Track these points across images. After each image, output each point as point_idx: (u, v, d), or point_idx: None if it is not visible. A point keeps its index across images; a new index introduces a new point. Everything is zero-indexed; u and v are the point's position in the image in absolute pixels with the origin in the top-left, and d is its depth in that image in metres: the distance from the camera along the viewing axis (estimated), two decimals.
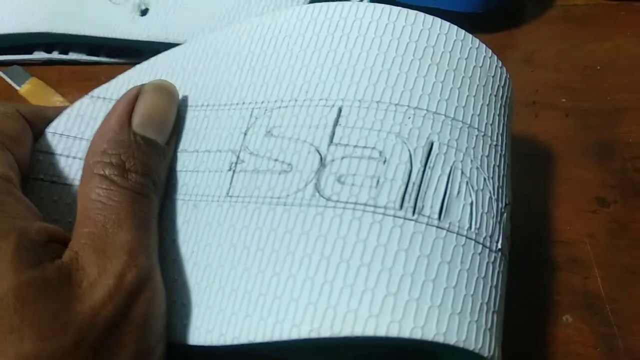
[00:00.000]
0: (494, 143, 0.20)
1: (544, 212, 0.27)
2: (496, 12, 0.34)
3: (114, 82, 0.23)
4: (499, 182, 0.20)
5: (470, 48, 0.21)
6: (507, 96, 0.22)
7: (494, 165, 0.20)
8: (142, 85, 0.21)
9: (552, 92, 0.31)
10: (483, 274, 0.18)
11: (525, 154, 0.29)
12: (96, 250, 0.17)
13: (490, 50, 0.22)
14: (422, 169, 0.18)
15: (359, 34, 0.20)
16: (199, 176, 0.21)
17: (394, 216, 0.17)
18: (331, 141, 0.19)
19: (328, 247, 0.17)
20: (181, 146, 0.22)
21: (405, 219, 0.17)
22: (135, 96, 0.21)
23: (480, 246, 0.18)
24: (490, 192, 0.19)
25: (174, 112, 0.22)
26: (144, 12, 0.32)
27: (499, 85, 0.22)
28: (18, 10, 0.32)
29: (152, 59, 0.24)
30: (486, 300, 0.18)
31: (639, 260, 0.25)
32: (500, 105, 0.22)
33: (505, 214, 0.20)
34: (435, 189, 0.18)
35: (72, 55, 0.34)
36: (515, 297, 0.20)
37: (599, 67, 0.32)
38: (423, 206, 0.18)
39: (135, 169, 0.19)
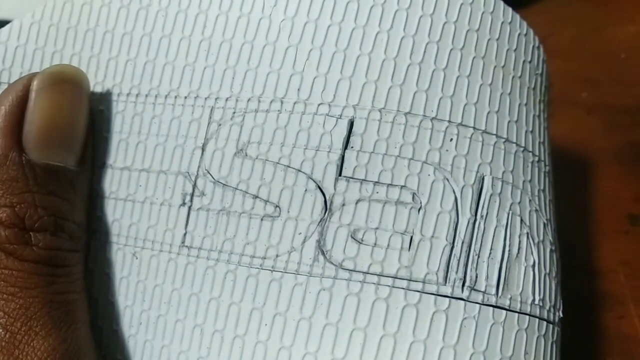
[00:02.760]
0: (547, 169, 0.16)
1: (566, 236, 0.23)
2: None
3: None
4: (553, 222, 0.16)
5: (519, 35, 0.16)
6: (549, 101, 0.18)
7: (549, 201, 0.15)
8: (28, 80, 0.14)
9: (570, 85, 0.28)
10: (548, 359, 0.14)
11: None
12: None
13: (538, 38, 0.16)
14: (472, 219, 0.13)
15: (375, 2, 0.14)
16: (137, 209, 0.15)
17: (437, 294, 0.13)
18: (340, 173, 0.14)
19: (341, 342, 0.13)
20: (101, 158, 0.15)
21: (452, 297, 0.13)
22: (20, 102, 0.14)
23: (545, 323, 0.14)
24: (550, 242, 0.15)
25: (84, 115, 0.15)
26: None
27: (545, 87, 0.17)
28: None
29: (36, 11, 0.16)
30: None
31: None
32: (547, 116, 0.17)
33: (560, 265, 0.15)
34: (491, 249, 0.13)
35: None
36: None
37: (623, 55, 0.29)
38: (477, 277, 0.13)
39: (42, 226, 0.13)
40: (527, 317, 0.13)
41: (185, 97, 0.15)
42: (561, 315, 0.15)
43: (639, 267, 0.22)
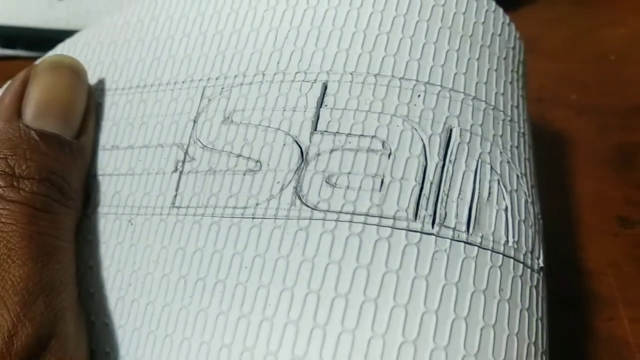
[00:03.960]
0: (522, 130, 0.17)
1: (556, 236, 0.23)
2: None
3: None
4: (531, 180, 0.16)
5: (487, 11, 0.17)
6: (524, 74, 0.19)
7: (525, 159, 0.16)
8: (34, 65, 0.17)
9: (560, 86, 0.28)
10: (527, 304, 0.14)
11: None
12: None
13: (508, 17, 0.18)
14: (440, 163, 0.14)
15: None
16: (135, 181, 0.16)
17: (407, 229, 0.14)
18: (315, 128, 0.15)
19: (317, 276, 0.13)
20: (110, 141, 0.17)
21: (422, 232, 0.14)
22: (24, 81, 0.17)
23: (522, 266, 0.14)
24: (525, 194, 0.15)
25: (81, 95, 0.17)
26: None
27: (519, 60, 0.18)
28: None
29: (71, 39, 0.20)
30: (533, 339, 0.14)
31: None
32: (522, 85, 0.18)
33: (541, 222, 0.16)
34: (460, 190, 0.14)
35: None
36: None
37: (613, 57, 0.29)
38: (446, 214, 0.14)
39: (30, 175, 0.15)
40: (501, 256, 0.14)
41: (183, 82, 0.17)
42: (541, 264, 0.15)
43: (628, 269, 0.22)
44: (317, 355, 0.13)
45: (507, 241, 0.14)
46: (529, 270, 0.15)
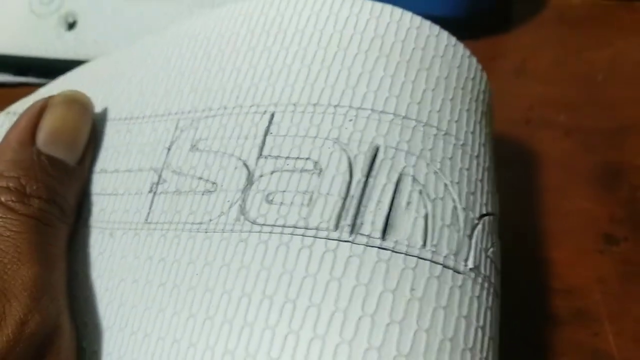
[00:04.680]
0: (461, 143, 0.18)
1: (543, 254, 0.24)
2: (481, 15, 0.31)
3: (32, 97, 0.22)
4: (468, 187, 0.17)
5: (429, 36, 0.19)
6: (487, 103, 0.20)
7: (460, 169, 0.17)
8: (50, 97, 0.20)
9: (548, 107, 0.28)
10: (444, 303, 0.15)
11: (517, 183, 0.26)
12: None
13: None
14: (363, 179, 0.16)
15: (297, 29, 0.18)
16: (117, 200, 0.19)
17: (327, 238, 0.15)
18: (261, 153, 0.17)
19: (250, 281, 0.15)
20: (100, 166, 0.20)
21: (340, 240, 0.15)
22: (40, 110, 0.19)
23: (440, 267, 0.15)
24: (454, 200, 0.16)
25: (87, 128, 0.20)
26: (71, 25, 0.28)
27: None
28: None
29: (75, 70, 0.22)
30: (450, 335, 0.15)
31: None
32: (470, 99, 0.19)
33: (480, 226, 0.17)
34: (379, 201, 0.16)
35: None
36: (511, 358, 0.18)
37: (600, 78, 0.29)
38: (363, 223, 0.15)
39: (39, 194, 0.18)
40: (415, 258, 0.15)
41: (162, 115, 0.19)
42: (471, 266, 0.16)
43: (613, 285, 0.23)
44: (244, 350, 0.14)
45: (423, 245, 0.15)
46: (450, 271, 0.15)
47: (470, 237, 0.16)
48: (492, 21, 0.32)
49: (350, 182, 0.16)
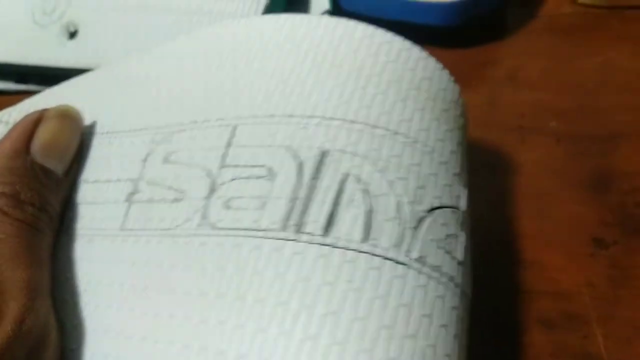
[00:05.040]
0: (410, 140, 0.18)
1: (533, 258, 0.24)
2: (473, 25, 0.31)
3: (19, 106, 0.23)
4: (417, 182, 0.18)
5: (381, 44, 0.20)
6: (438, 88, 0.21)
7: (408, 165, 0.18)
8: (45, 110, 0.21)
9: (539, 114, 0.29)
10: (382, 292, 0.15)
11: (510, 188, 0.26)
12: None
13: (401, 40, 0.20)
14: (310, 182, 0.17)
15: (260, 47, 0.20)
16: (97, 208, 0.20)
17: (275, 238, 0.16)
18: (223, 163, 0.18)
19: (206, 281, 0.16)
20: (83, 176, 0.21)
21: (285, 240, 0.16)
22: (35, 121, 0.20)
23: (379, 259, 0.16)
24: (398, 196, 0.17)
25: (76, 141, 0.21)
26: (72, 35, 0.29)
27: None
28: None
29: (63, 84, 0.24)
30: (387, 323, 0.15)
31: None
32: (426, 98, 0.20)
33: (430, 218, 0.17)
34: (322, 201, 0.17)
35: None
36: None
37: (590, 85, 0.30)
38: (306, 223, 0.16)
39: (32, 201, 0.18)
40: (354, 252, 0.16)
41: (140, 130, 0.21)
42: (415, 256, 0.16)
43: (603, 288, 0.23)
44: (200, 343, 0.15)
45: (365, 239, 0.16)
46: (390, 262, 0.16)
47: (415, 228, 0.17)
48: (484, 30, 0.32)
49: (298, 185, 0.17)
